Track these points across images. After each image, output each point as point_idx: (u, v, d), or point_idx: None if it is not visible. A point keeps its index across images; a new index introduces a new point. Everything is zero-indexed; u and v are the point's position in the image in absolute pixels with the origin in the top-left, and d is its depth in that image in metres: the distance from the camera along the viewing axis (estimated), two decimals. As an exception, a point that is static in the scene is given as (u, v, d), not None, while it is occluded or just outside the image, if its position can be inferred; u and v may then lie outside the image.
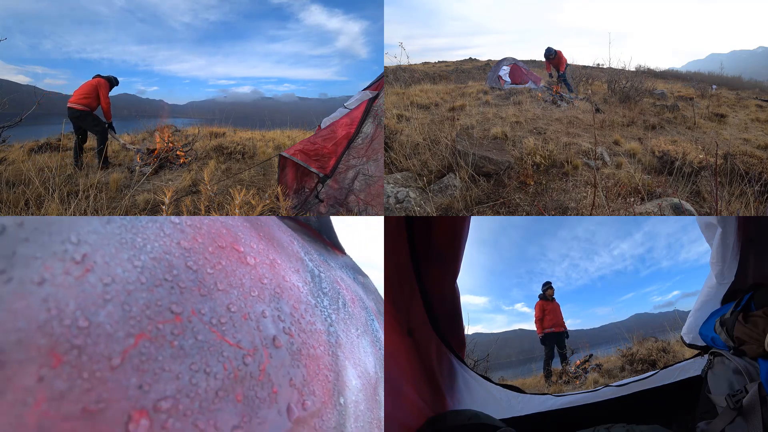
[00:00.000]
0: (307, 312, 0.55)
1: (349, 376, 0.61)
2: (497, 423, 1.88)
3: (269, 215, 1.10)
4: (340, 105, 4.01)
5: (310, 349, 0.51)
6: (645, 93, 8.51)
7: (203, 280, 0.42)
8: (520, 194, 4.16)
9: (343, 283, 0.83)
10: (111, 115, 5.52)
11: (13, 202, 3.77)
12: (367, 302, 0.98)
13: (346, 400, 0.57)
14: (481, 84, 10.94)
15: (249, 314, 0.44)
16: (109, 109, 5.47)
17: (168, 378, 0.36)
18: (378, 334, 0.91)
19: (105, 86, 5.46)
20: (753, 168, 4.70)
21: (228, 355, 0.40)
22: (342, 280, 0.86)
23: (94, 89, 5.36)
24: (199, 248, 0.43)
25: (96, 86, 5.39)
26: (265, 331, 0.45)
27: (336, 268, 0.91)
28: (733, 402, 1.66)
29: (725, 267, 2.30)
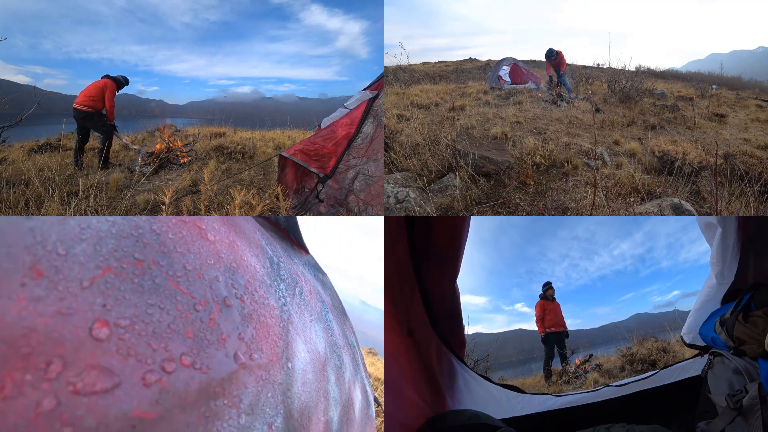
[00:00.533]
0: (262, 288, 0.60)
1: (299, 347, 0.66)
2: (497, 423, 1.88)
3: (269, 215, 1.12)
4: (340, 105, 4.01)
5: (261, 317, 0.56)
6: (645, 93, 8.51)
7: (164, 242, 0.48)
8: (520, 194, 4.16)
9: (302, 277, 0.90)
10: (114, 117, 5.52)
11: (13, 202, 3.76)
12: (324, 296, 1.04)
13: (293, 365, 0.61)
14: (481, 84, 10.94)
15: (203, 275, 0.50)
16: (112, 111, 5.46)
17: (127, 305, 0.43)
18: (331, 324, 0.97)
19: (111, 88, 5.44)
20: (753, 168, 4.70)
21: (181, 300, 0.46)
22: (302, 274, 0.92)
23: (101, 91, 5.35)
24: (164, 219, 0.51)
25: (102, 88, 5.37)
26: (217, 291, 0.51)
27: (298, 263, 0.97)
28: (733, 402, 1.66)
29: (725, 267, 2.30)
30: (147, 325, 0.43)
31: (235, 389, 0.46)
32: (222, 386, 0.44)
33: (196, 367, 0.43)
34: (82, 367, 0.38)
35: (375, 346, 9.78)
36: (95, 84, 5.40)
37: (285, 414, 0.54)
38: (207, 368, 0.44)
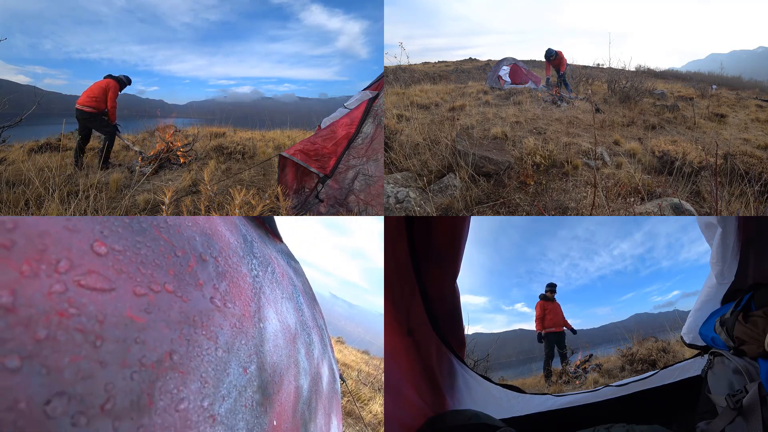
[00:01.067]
0: (235, 256, 0.65)
1: (270, 314, 0.70)
2: (497, 423, 1.88)
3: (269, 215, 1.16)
4: (340, 105, 4.01)
5: (234, 279, 0.61)
6: (645, 93, 8.51)
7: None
8: (520, 194, 4.16)
9: (275, 260, 0.95)
10: (115, 117, 5.50)
11: (13, 202, 3.76)
12: (296, 281, 1.10)
13: (265, 327, 0.65)
14: (481, 84, 10.94)
15: (182, 231, 0.56)
16: (114, 112, 5.44)
17: (120, 236, 0.49)
18: (302, 306, 1.03)
19: (114, 89, 5.41)
20: (753, 168, 4.70)
21: (163, 245, 0.52)
22: (275, 258, 0.97)
23: (103, 91, 5.32)
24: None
25: (105, 88, 5.34)
26: (194, 246, 0.56)
27: (272, 249, 1.02)
28: (733, 402, 1.66)
29: (725, 267, 2.30)
30: (136, 255, 0.49)
31: (212, 325, 0.51)
32: (200, 318, 0.50)
33: (178, 294, 0.49)
34: (86, 270, 0.44)
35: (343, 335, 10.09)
36: (98, 84, 5.37)
37: (258, 364, 0.60)
38: (187, 299, 0.50)
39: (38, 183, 3.98)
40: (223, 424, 0.47)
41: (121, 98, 5.68)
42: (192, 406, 0.44)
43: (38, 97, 5.58)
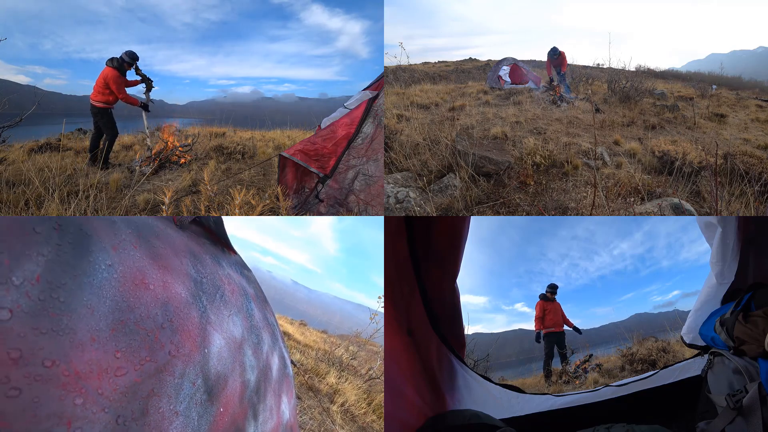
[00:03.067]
0: (186, 308, 0.94)
1: (215, 337, 1.02)
2: (497, 423, 1.88)
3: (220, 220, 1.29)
4: (340, 105, 4.01)
5: (184, 328, 0.91)
6: (645, 93, 8.50)
7: (130, 306, 0.79)
8: (520, 194, 4.16)
9: (226, 279, 1.22)
10: (137, 100, 5.25)
11: (13, 202, 3.77)
12: (248, 290, 1.37)
13: (209, 349, 0.98)
14: (481, 84, 10.93)
15: (150, 315, 0.82)
16: (128, 99, 5.17)
17: (116, 337, 0.75)
18: (252, 312, 1.32)
19: (114, 77, 5.05)
20: (753, 168, 4.70)
21: (141, 333, 0.79)
22: (227, 276, 1.24)
23: (104, 83, 5.08)
24: (126, 285, 0.81)
25: (105, 80, 5.06)
26: (157, 321, 0.83)
27: (225, 266, 1.28)
28: (733, 402, 1.66)
29: (725, 267, 2.30)
30: (129, 346, 0.76)
31: (171, 368, 0.83)
32: (164, 366, 0.82)
33: (152, 360, 0.79)
34: (105, 366, 0.72)
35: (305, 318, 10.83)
36: (100, 77, 5.14)
37: (203, 377, 0.93)
38: (155, 360, 0.80)
39: (38, 183, 3.97)
40: (183, 415, 0.85)
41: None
42: (165, 409, 0.81)
43: (38, 97, 5.56)
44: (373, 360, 6.05)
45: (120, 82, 5.13)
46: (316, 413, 3.65)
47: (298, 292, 29.92)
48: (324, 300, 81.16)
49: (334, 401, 4.04)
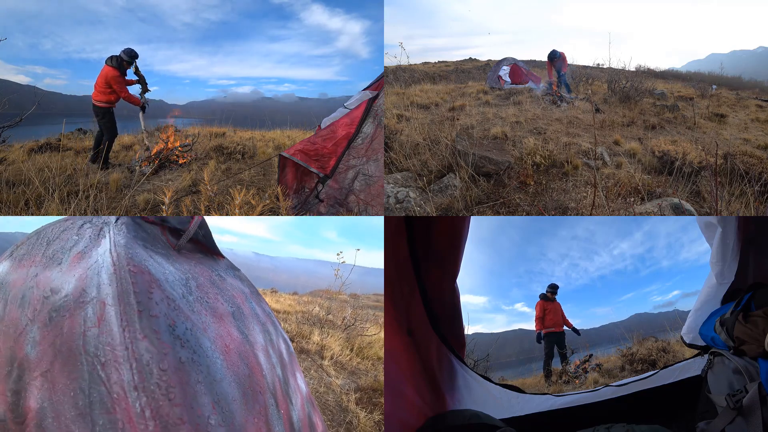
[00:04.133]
0: (245, 346, 1.00)
1: (260, 357, 1.06)
2: (497, 423, 1.88)
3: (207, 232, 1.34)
4: (340, 105, 4.01)
5: (254, 366, 0.97)
6: (645, 93, 8.50)
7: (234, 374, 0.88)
8: (520, 194, 4.16)
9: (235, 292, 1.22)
10: (138, 100, 5.22)
11: (13, 202, 3.77)
12: (245, 291, 1.36)
13: (264, 371, 1.04)
14: (481, 84, 10.93)
15: (240, 369, 0.90)
16: (129, 98, 5.15)
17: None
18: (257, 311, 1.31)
19: (114, 77, 5.02)
20: (753, 168, 4.70)
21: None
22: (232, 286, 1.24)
23: (105, 83, 5.04)
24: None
25: (106, 79, 5.02)
26: (245, 372, 0.91)
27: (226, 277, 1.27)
28: (733, 402, 1.66)
29: (725, 267, 2.30)
30: (253, 409, 0.84)
31: (266, 406, 0.93)
32: (264, 408, 0.89)
33: (264, 409, 0.87)
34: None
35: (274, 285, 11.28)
36: (100, 77, 5.10)
37: (271, 394, 0.98)
38: (265, 406, 0.87)
39: (38, 183, 3.97)
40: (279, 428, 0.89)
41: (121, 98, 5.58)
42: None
43: (38, 97, 5.55)
44: (344, 309, 6.36)
45: (121, 81, 5.10)
46: (312, 371, 3.99)
47: (262, 263, 31.32)
48: (287, 264, 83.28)
49: (323, 357, 4.40)
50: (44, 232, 1.24)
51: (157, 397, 0.77)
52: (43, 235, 1.24)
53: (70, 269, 0.98)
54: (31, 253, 1.17)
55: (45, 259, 1.08)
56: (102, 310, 0.86)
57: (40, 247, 1.16)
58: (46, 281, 0.98)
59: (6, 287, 1.12)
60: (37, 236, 1.24)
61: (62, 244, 1.13)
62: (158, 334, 0.84)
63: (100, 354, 0.80)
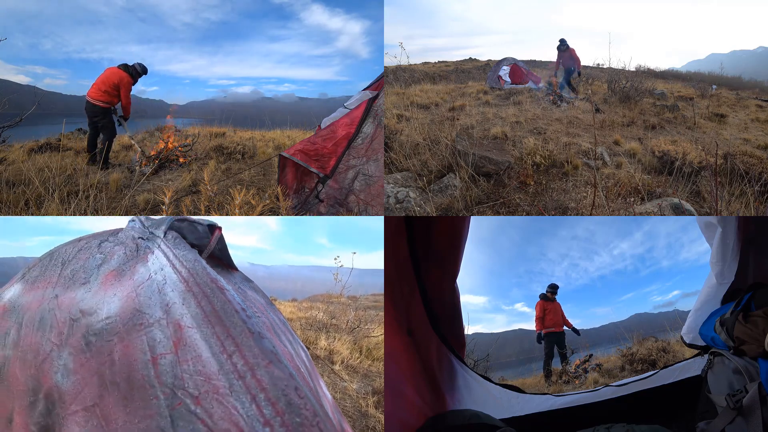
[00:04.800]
0: (292, 360, 0.95)
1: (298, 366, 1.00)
2: (497, 423, 1.88)
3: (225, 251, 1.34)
4: (340, 105, 4.01)
5: (304, 377, 0.90)
6: (645, 93, 8.50)
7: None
8: (520, 194, 4.16)
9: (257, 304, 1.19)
10: (129, 112, 5.30)
11: (13, 202, 3.77)
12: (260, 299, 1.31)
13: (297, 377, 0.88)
14: (481, 84, 10.93)
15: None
16: (128, 107, 5.23)
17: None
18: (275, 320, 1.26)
19: (128, 84, 5.13)
20: (753, 168, 4.69)
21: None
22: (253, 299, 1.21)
23: (115, 87, 5.07)
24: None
25: (118, 83, 5.07)
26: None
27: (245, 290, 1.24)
28: (733, 402, 1.66)
29: (725, 267, 2.30)
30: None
31: (317, 417, 0.71)
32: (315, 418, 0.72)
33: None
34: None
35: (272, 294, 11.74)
36: (109, 77, 5.09)
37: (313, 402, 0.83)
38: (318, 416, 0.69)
39: (38, 183, 3.97)
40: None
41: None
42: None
43: (38, 97, 5.55)
44: (347, 312, 6.29)
45: (130, 89, 5.23)
46: (326, 377, 3.92)
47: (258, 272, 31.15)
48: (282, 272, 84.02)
49: (333, 361, 4.32)
50: (57, 254, 1.14)
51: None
52: (57, 256, 1.13)
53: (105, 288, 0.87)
54: (45, 275, 1.06)
55: (63, 279, 0.97)
56: (179, 334, 0.70)
57: (55, 268, 1.06)
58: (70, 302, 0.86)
59: (19, 310, 1.00)
60: (50, 258, 1.13)
61: (82, 264, 1.02)
62: (277, 357, 0.68)
63: (187, 386, 0.64)
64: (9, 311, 0.98)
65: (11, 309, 0.98)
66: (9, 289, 1.08)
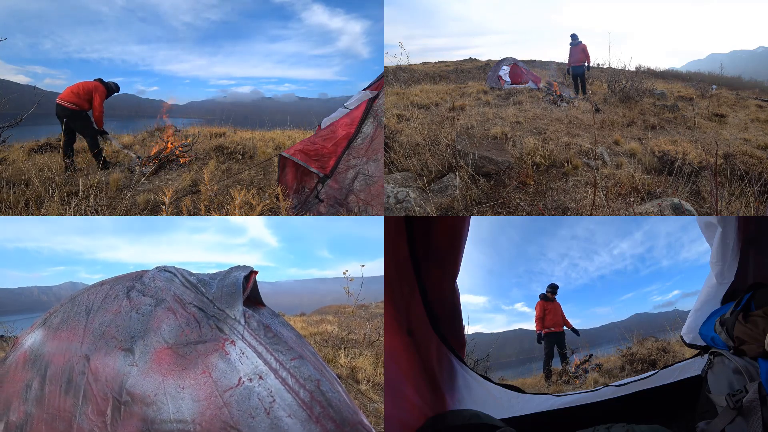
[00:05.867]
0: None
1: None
2: (497, 423, 1.88)
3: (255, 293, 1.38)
4: (340, 105, 4.01)
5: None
6: (645, 93, 8.50)
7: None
8: (520, 194, 4.16)
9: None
10: (103, 123, 5.27)
11: (13, 202, 3.77)
12: (292, 335, 1.30)
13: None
14: (481, 84, 10.92)
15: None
16: (101, 117, 5.21)
17: None
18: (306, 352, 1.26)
19: (102, 93, 5.18)
20: (753, 168, 4.69)
21: None
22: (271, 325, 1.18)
23: (89, 93, 5.10)
24: None
25: (92, 90, 5.11)
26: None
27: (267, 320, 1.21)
28: (733, 402, 1.66)
29: (725, 267, 2.30)
30: None
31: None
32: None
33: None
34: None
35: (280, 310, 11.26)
36: (85, 84, 5.16)
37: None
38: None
39: (38, 183, 3.97)
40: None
41: (121, 98, 5.62)
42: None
43: (38, 97, 5.55)
44: (363, 324, 5.93)
45: (104, 99, 5.28)
46: (352, 396, 3.72)
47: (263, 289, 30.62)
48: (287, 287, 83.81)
49: (358, 380, 3.99)
50: (80, 300, 1.05)
51: None
52: (79, 302, 1.03)
53: (161, 373, 0.73)
54: (69, 323, 0.97)
55: (92, 335, 0.86)
56: None
57: (79, 317, 0.96)
58: (110, 374, 0.73)
59: (41, 360, 0.92)
60: (72, 303, 1.05)
61: (113, 319, 0.89)
62: None
63: None
64: (31, 361, 0.93)
65: (33, 358, 0.91)
66: (30, 334, 0.98)
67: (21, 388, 0.88)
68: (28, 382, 0.87)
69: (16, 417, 0.80)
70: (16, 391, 0.86)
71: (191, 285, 0.97)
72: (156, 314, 0.83)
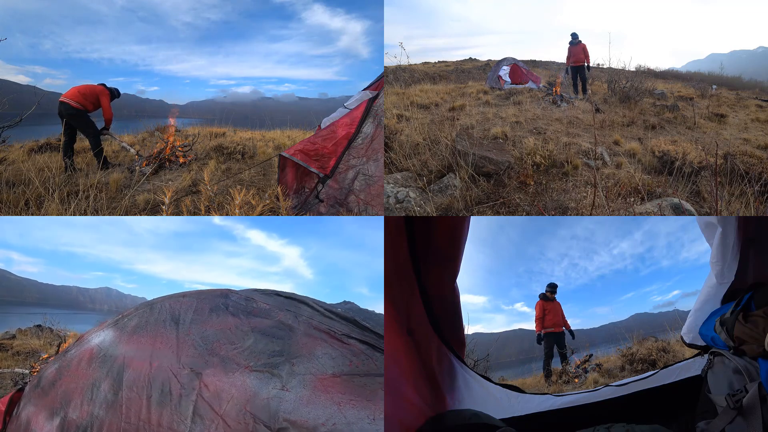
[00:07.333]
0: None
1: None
2: (497, 423, 1.88)
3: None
4: (340, 105, 4.01)
5: None
6: (645, 93, 8.50)
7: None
8: (520, 194, 4.16)
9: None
10: (111, 124, 5.47)
11: (13, 202, 3.77)
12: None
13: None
14: (481, 84, 10.93)
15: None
16: (111, 119, 5.41)
17: None
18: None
19: (107, 96, 5.38)
20: (753, 168, 4.69)
21: None
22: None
23: (95, 95, 5.26)
24: None
25: (98, 93, 5.29)
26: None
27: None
28: (733, 402, 1.66)
29: (725, 267, 2.30)
30: None
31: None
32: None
33: None
34: None
35: None
36: (92, 87, 5.33)
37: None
38: None
39: (38, 183, 3.98)
40: None
41: (121, 98, 5.68)
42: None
43: (38, 97, 5.56)
44: None
45: (109, 103, 5.46)
46: None
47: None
48: None
49: None
50: (160, 307, 1.02)
51: None
52: (159, 309, 1.00)
53: (334, 402, 0.80)
54: (149, 329, 0.95)
55: (193, 349, 0.83)
56: None
57: (163, 324, 0.93)
58: (248, 398, 0.73)
59: (113, 362, 0.90)
60: (150, 309, 1.02)
61: (222, 336, 0.88)
62: None
63: None
64: (99, 359, 0.91)
65: (102, 357, 0.90)
66: (98, 333, 0.97)
67: (85, 385, 0.87)
68: (94, 382, 0.85)
69: (77, 415, 0.79)
70: (79, 388, 0.85)
71: (336, 315, 0.97)
72: (299, 340, 0.83)
